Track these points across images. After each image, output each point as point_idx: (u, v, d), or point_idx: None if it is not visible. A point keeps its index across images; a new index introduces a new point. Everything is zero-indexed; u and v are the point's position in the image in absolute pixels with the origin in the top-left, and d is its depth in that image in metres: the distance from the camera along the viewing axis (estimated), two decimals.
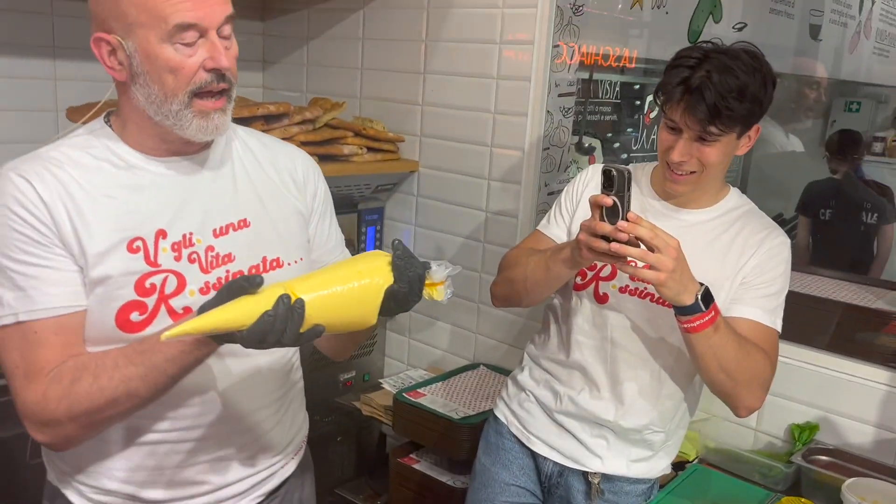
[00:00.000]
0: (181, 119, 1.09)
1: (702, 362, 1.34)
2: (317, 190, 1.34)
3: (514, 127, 2.02)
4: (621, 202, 1.23)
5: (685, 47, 1.39)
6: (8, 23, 2.04)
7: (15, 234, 1.06)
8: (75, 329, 1.09)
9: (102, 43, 1.08)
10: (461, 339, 2.26)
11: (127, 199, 1.12)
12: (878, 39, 3.71)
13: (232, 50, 1.11)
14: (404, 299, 1.05)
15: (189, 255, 1.15)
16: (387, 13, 2.26)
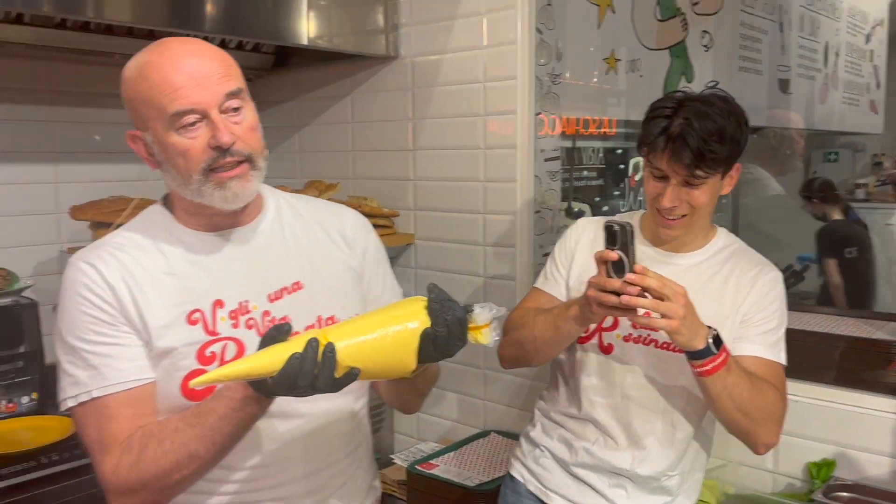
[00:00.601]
0: (203, 194, 1.15)
1: (717, 404, 1.34)
2: (367, 246, 1.37)
3: (505, 193, 2.08)
4: (626, 255, 1.25)
5: (658, 98, 1.45)
6: (10, 132, 2.12)
7: (85, 317, 1.14)
8: (145, 400, 1.16)
9: (136, 139, 1.19)
10: (470, 408, 2.26)
11: (184, 275, 1.19)
12: (846, 90, 3.85)
13: (245, 122, 1.15)
14: (444, 343, 1.04)
15: (246, 322, 1.20)
16: (373, 96, 2.35)
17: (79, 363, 1.14)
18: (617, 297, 1.25)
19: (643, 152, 1.43)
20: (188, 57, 1.12)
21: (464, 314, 1.06)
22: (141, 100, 1.13)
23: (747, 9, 2.84)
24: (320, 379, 0.99)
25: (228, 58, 1.17)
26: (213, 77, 1.12)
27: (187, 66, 1.11)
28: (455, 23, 2.11)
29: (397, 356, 1.04)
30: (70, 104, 2.22)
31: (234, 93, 1.14)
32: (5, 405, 1.89)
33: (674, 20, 2.50)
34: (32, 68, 2.14)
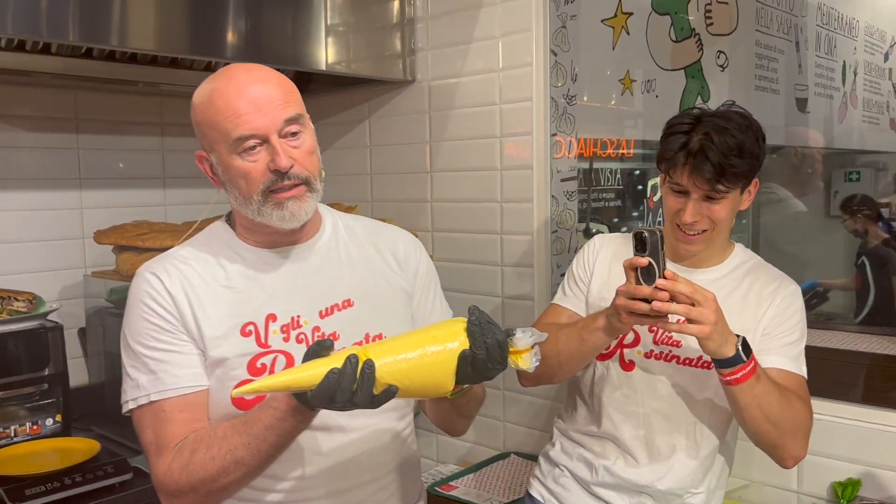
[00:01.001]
0: (263, 214, 1.21)
1: (746, 414, 1.33)
2: (418, 268, 1.41)
3: (522, 214, 2.09)
4: (656, 262, 1.26)
5: (675, 115, 1.46)
6: (38, 159, 2.17)
7: (147, 324, 1.22)
8: (199, 406, 1.21)
9: (203, 160, 1.25)
10: (489, 429, 2.25)
11: (241, 289, 1.25)
12: (865, 108, 3.83)
13: (303, 146, 1.21)
14: (483, 366, 1.05)
15: (297, 336, 1.25)
16: (391, 120, 2.38)
17: (140, 367, 1.21)
18: (647, 305, 1.25)
19: (662, 168, 1.43)
20: (251, 84, 1.18)
21: (504, 338, 1.07)
22: (207, 124, 1.19)
23: (762, 29, 2.85)
24: (358, 395, 1.01)
25: (290, 84, 1.23)
26: (274, 103, 1.17)
27: (250, 92, 1.17)
28: (471, 46, 2.14)
29: (435, 376, 1.05)
30: (95, 132, 2.27)
31: (293, 119, 1.19)
32: (30, 427, 1.92)
33: (688, 41, 2.51)
34: (59, 97, 2.19)
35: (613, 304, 1.31)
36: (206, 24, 1.88)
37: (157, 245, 1.92)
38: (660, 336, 1.48)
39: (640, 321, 1.30)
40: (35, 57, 1.86)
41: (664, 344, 1.47)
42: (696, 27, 2.53)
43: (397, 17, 2.26)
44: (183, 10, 1.84)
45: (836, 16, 3.44)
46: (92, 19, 1.67)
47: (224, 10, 1.90)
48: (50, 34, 1.63)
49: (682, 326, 1.26)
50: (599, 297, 1.54)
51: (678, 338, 1.46)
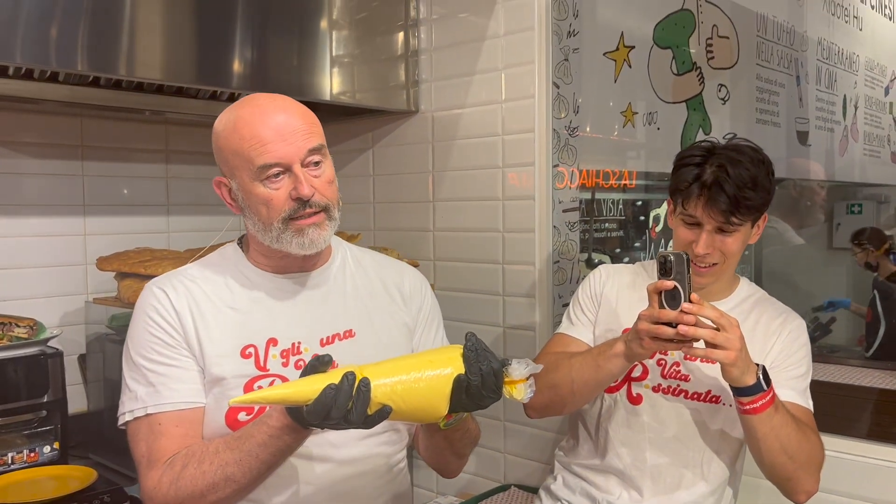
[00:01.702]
0: (282, 241, 1.23)
1: (763, 445, 1.31)
2: (422, 304, 1.43)
3: (524, 244, 2.09)
4: (682, 285, 1.24)
5: (685, 148, 1.47)
6: (43, 186, 2.18)
7: (151, 337, 1.24)
8: (194, 423, 1.22)
9: (222, 185, 1.27)
10: (489, 461, 2.23)
11: (247, 311, 1.27)
12: (866, 142, 3.85)
13: (324, 175, 1.24)
14: (477, 393, 1.06)
15: (296, 362, 1.26)
16: (394, 150, 2.40)
17: (140, 380, 1.22)
18: (672, 329, 1.23)
19: (675, 199, 1.43)
20: (276, 112, 1.21)
21: (500, 367, 1.07)
22: (231, 151, 1.21)
23: (763, 63, 2.88)
24: (353, 413, 1.02)
25: (312, 115, 1.26)
26: (298, 133, 1.20)
27: (275, 121, 1.20)
28: (474, 78, 2.16)
29: (429, 399, 1.05)
30: (100, 159, 2.28)
31: (315, 149, 1.22)
32: (27, 454, 1.90)
33: (690, 74, 2.54)
34: (65, 124, 2.21)
35: (635, 328, 1.29)
36: (213, 55, 1.90)
37: (158, 272, 1.92)
38: (668, 370, 1.47)
39: (663, 347, 1.29)
40: (42, 85, 1.88)
41: (672, 378, 1.46)
42: (698, 60, 2.55)
43: (402, 48, 2.28)
44: (190, 40, 1.87)
45: (837, 50, 3.48)
46: (100, 49, 1.69)
47: (230, 41, 1.93)
48: (59, 63, 1.65)
49: (708, 352, 1.25)
50: (606, 328, 1.53)
51: (686, 371, 1.45)
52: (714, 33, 2.60)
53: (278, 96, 1.26)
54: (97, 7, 1.66)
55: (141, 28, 1.76)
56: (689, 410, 1.45)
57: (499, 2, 2.09)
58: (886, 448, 1.67)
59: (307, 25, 2.08)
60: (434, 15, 2.26)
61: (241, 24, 1.93)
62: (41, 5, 1.58)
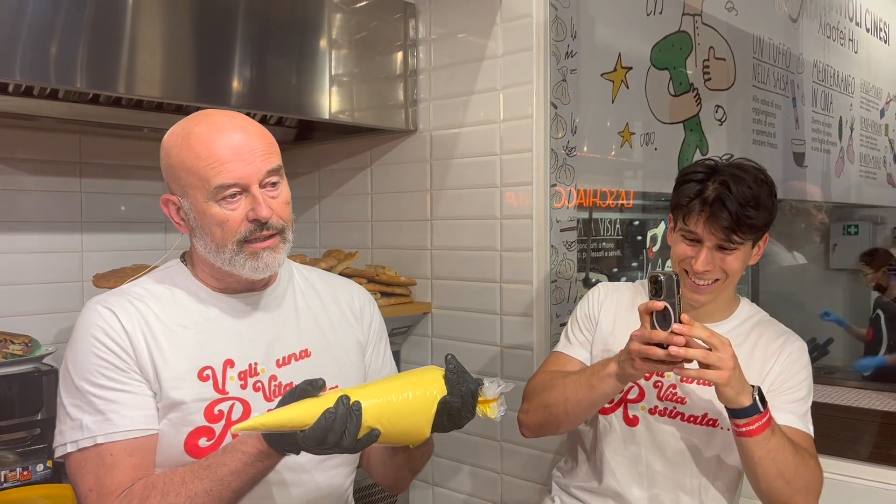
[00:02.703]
0: (235, 264, 1.19)
1: (760, 469, 1.28)
2: (372, 320, 1.42)
3: (521, 263, 2.09)
4: (672, 306, 1.24)
5: (689, 164, 1.46)
6: (41, 202, 2.18)
7: (98, 360, 1.16)
8: (148, 452, 1.16)
9: (170, 203, 1.23)
10: (486, 482, 2.21)
11: (199, 330, 1.22)
12: (862, 163, 3.87)
13: (280, 197, 1.21)
14: (457, 414, 1.07)
15: (254, 384, 1.22)
16: (392, 168, 2.40)
17: (85, 407, 1.14)
18: (663, 350, 1.22)
19: (676, 215, 1.42)
20: (234, 131, 1.17)
21: (476, 387, 1.09)
22: (184, 168, 1.17)
23: (759, 84, 2.90)
24: (346, 437, 1.01)
25: (269, 135, 1.23)
26: (257, 153, 1.17)
27: (233, 140, 1.16)
28: (472, 98, 2.17)
29: (414, 422, 1.06)
30: (98, 175, 2.28)
31: (274, 170, 1.19)
32: (20, 472, 1.88)
33: (687, 95, 2.55)
34: (63, 141, 2.21)
35: (627, 349, 1.29)
36: (212, 73, 1.91)
37: None
38: (664, 392, 1.46)
39: (655, 367, 1.27)
40: (41, 102, 1.89)
41: (669, 400, 1.45)
42: (695, 82, 2.57)
43: (400, 68, 2.29)
44: (189, 58, 1.88)
45: (832, 73, 3.50)
46: (100, 67, 1.70)
47: (230, 60, 1.93)
48: (58, 81, 1.66)
49: (700, 372, 1.24)
50: (604, 347, 1.52)
51: (683, 394, 1.44)
52: (711, 55, 2.62)
53: (234, 114, 1.22)
54: (97, 24, 1.67)
55: (141, 46, 1.76)
56: (686, 433, 1.43)
57: (497, 22, 2.10)
58: (886, 471, 1.65)
59: (306, 44, 2.09)
60: (433, 35, 2.28)
61: (240, 42, 1.94)
62: (41, 23, 1.59)
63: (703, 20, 2.58)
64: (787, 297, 3.51)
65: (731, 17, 2.73)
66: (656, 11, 2.43)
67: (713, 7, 2.63)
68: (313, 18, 2.11)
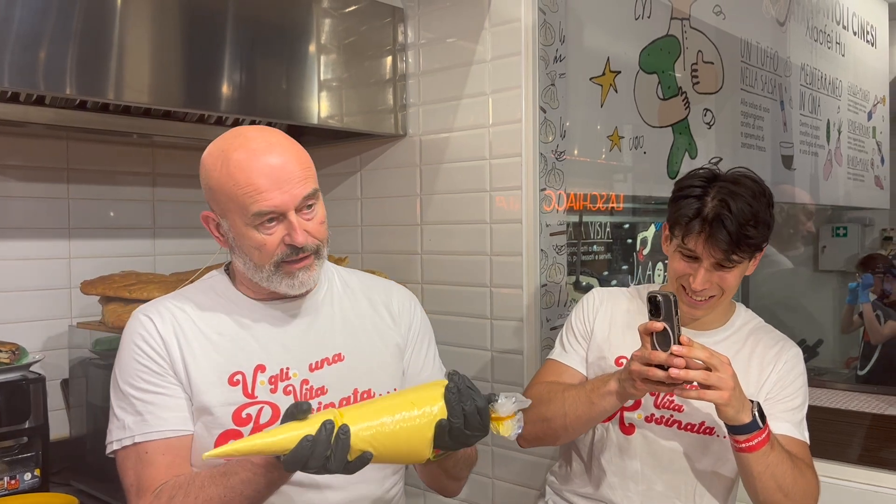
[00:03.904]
0: (272, 282, 1.23)
1: (759, 483, 1.28)
2: (412, 322, 1.42)
3: (511, 267, 2.09)
4: (671, 327, 1.22)
5: (684, 176, 1.44)
6: (28, 209, 2.16)
7: (138, 365, 1.23)
8: (181, 451, 1.21)
9: (209, 219, 1.26)
10: (478, 488, 2.21)
11: (234, 337, 1.26)
12: (850, 166, 3.89)
13: (316, 217, 1.24)
14: (460, 433, 1.05)
15: (285, 388, 1.25)
16: (382, 173, 2.40)
17: (127, 408, 1.21)
18: (663, 372, 1.21)
19: (674, 232, 1.40)
20: (270, 156, 1.18)
21: (485, 404, 1.05)
22: (224, 193, 1.20)
23: (747, 88, 2.91)
24: (332, 461, 1.00)
25: (307, 157, 1.25)
26: (294, 180, 1.19)
27: (269, 167, 1.17)
28: (461, 102, 2.17)
29: (411, 444, 1.03)
30: (86, 181, 2.27)
31: (310, 195, 1.22)
32: (8, 481, 1.87)
33: (675, 99, 2.56)
34: (51, 147, 2.20)
35: (628, 369, 1.27)
36: (201, 79, 1.90)
37: (143, 296, 1.91)
38: (661, 400, 1.45)
39: (655, 388, 1.26)
40: (28, 108, 1.87)
41: (665, 408, 1.44)
42: (683, 86, 2.58)
43: (390, 73, 2.29)
44: (178, 64, 1.87)
45: (820, 76, 3.53)
46: (89, 73, 1.69)
47: (219, 65, 1.93)
48: (47, 87, 1.65)
49: (701, 394, 1.23)
50: (599, 355, 1.51)
51: (679, 402, 1.43)
52: (699, 59, 2.63)
53: (269, 132, 1.24)
54: (86, 31, 1.66)
55: (129, 52, 1.76)
56: (682, 441, 1.43)
57: (486, 27, 2.11)
58: (876, 473, 1.66)
59: (295, 49, 2.09)
60: (422, 40, 2.28)
61: (229, 48, 1.94)
62: (29, 29, 1.58)
63: (691, 24, 2.60)
64: (777, 300, 3.53)
65: (719, 20, 2.74)
66: (644, 16, 2.44)
67: (701, 11, 2.64)
68: (302, 23, 2.11)
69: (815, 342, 3.58)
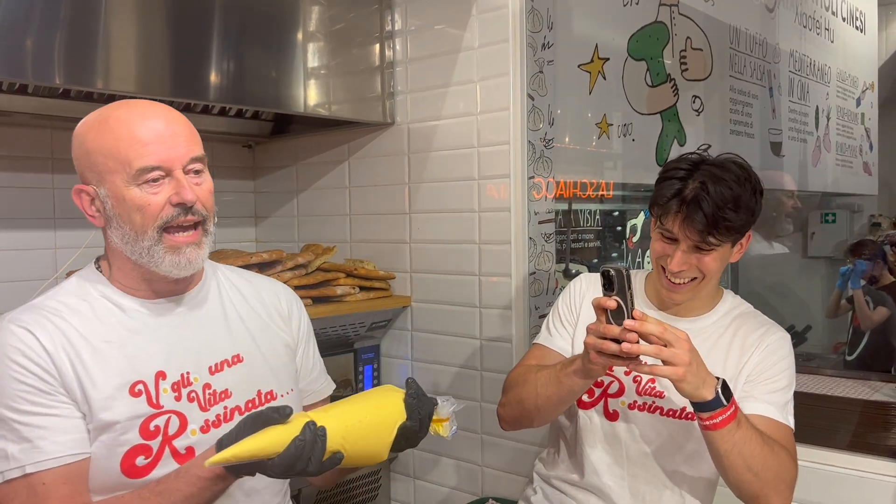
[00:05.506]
0: (154, 255, 1.13)
1: (726, 461, 1.27)
2: (300, 321, 1.39)
3: (500, 255, 2.09)
4: (624, 301, 1.21)
5: (673, 159, 1.43)
6: (12, 199, 2.14)
7: (19, 384, 1.07)
8: (82, 478, 1.09)
9: (82, 193, 1.16)
10: (467, 474, 2.21)
11: (124, 344, 1.15)
12: (838, 152, 3.90)
13: (204, 185, 1.16)
14: (414, 437, 1.10)
15: (188, 395, 1.17)
16: (370, 161, 2.39)
17: (8, 435, 1.06)
18: (616, 345, 1.21)
19: (654, 213, 1.40)
20: (156, 116, 1.13)
21: (432, 408, 1.13)
22: (102, 152, 1.11)
23: (736, 74, 2.91)
24: (311, 462, 1.01)
25: (192, 126, 1.18)
26: (181, 138, 1.13)
27: (156, 124, 1.12)
28: (449, 90, 2.16)
29: (374, 446, 1.09)
30: (71, 171, 2.23)
31: (198, 158, 1.16)
32: None
33: (664, 86, 2.56)
34: (34, 136, 2.18)
35: (584, 342, 1.28)
36: (188, 68, 1.89)
37: None
38: (643, 386, 1.45)
39: (611, 362, 1.25)
40: (12, 97, 1.85)
41: (648, 395, 1.44)
42: (672, 72, 2.57)
43: (377, 60, 2.28)
44: (165, 53, 1.85)
45: (809, 62, 3.53)
46: (77, 62, 1.67)
47: (206, 54, 1.91)
48: (36, 77, 1.63)
49: (653, 368, 1.22)
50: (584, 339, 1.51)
51: (661, 388, 1.43)
52: (688, 45, 2.63)
53: (156, 103, 1.18)
54: (73, 19, 1.64)
55: (117, 40, 1.74)
56: (665, 427, 1.43)
57: (474, 14, 2.09)
58: (863, 459, 1.67)
59: (282, 37, 2.07)
60: (410, 27, 2.26)
61: (217, 36, 1.92)
62: (15, 19, 1.56)
63: (680, 10, 2.59)
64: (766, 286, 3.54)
65: (708, 7, 2.73)
66: (633, 2, 2.43)
67: None
68: (289, 11, 2.09)
69: (804, 328, 3.60)
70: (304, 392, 1.37)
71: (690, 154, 1.42)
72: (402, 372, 2.32)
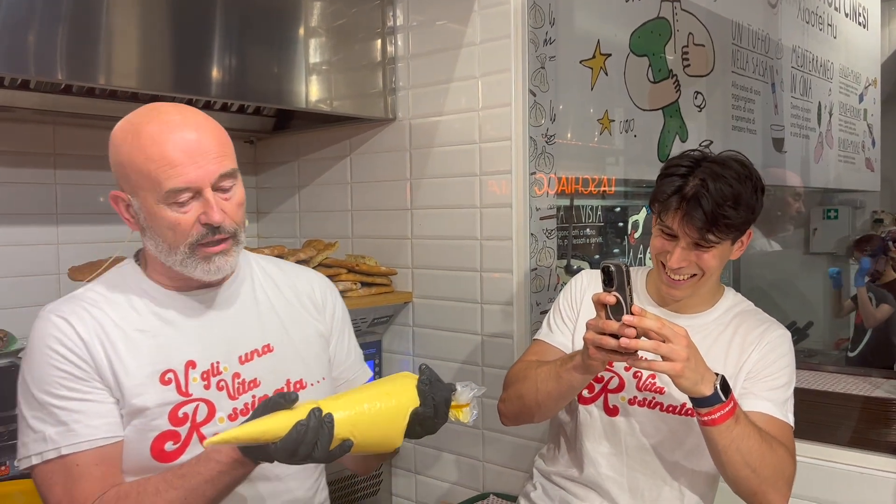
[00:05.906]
0: (186, 265, 1.17)
1: (725, 457, 1.27)
2: (335, 310, 1.40)
3: (501, 251, 2.09)
4: (623, 297, 1.22)
5: (675, 156, 1.43)
6: (14, 194, 2.15)
7: (56, 371, 1.13)
8: (115, 460, 1.14)
9: (119, 199, 1.20)
10: (468, 469, 2.22)
11: (157, 333, 1.20)
12: (841, 148, 3.89)
13: (234, 199, 1.18)
14: (430, 423, 1.09)
15: (217, 383, 1.20)
16: (372, 157, 2.39)
17: (47, 419, 1.12)
18: (614, 341, 1.21)
19: (654, 209, 1.40)
20: (186, 131, 1.13)
21: (449, 394, 1.11)
22: (135, 169, 1.14)
23: (738, 70, 2.90)
24: (317, 449, 1.01)
25: (223, 133, 1.19)
26: (210, 155, 1.14)
27: (185, 141, 1.12)
28: (451, 86, 2.16)
29: (387, 432, 1.08)
30: (73, 167, 2.26)
31: (227, 174, 1.16)
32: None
33: (666, 82, 2.55)
34: (37, 132, 2.18)
35: (583, 338, 1.28)
36: (190, 63, 1.89)
37: None
38: (643, 382, 1.45)
39: (609, 357, 1.26)
40: (14, 93, 1.86)
41: (648, 390, 1.45)
42: (674, 68, 2.57)
43: (379, 56, 2.28)
44: (167, 49, 1.85)
45: (811, 58, 3.52)
46: (79, 58, 1.67)
47: (208, 50, 1.91)
48: (38, 72, 1.63)
49: (651, 364, 1.23)
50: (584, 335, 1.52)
51: (661, 384, 1.43)
52: (690, 41, 2.62)
53: (186, 109, 1.18)
54: (75, 15, 1.64)
55: (118, 36, 1.74)
56: (665, 423, 1.43)
57: (476, 10, 2.09)
58: (865, 455, 1.67)
59: (284, 33, 2.07)
60: (412, 22, 2.26)
61: (218, 32, 1.92)
62: (18, 14, 1.56)
63: (682, 6, 2.58)
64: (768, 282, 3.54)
65: (710, 2, 2.72)
66: None
67: None
68: (291, 7, 2.09)
69: (806, 324, 3.60)
70: (338, 380, 1.39)
71: (692, 151, 1.42)
72: (404, 368, 2.32)
